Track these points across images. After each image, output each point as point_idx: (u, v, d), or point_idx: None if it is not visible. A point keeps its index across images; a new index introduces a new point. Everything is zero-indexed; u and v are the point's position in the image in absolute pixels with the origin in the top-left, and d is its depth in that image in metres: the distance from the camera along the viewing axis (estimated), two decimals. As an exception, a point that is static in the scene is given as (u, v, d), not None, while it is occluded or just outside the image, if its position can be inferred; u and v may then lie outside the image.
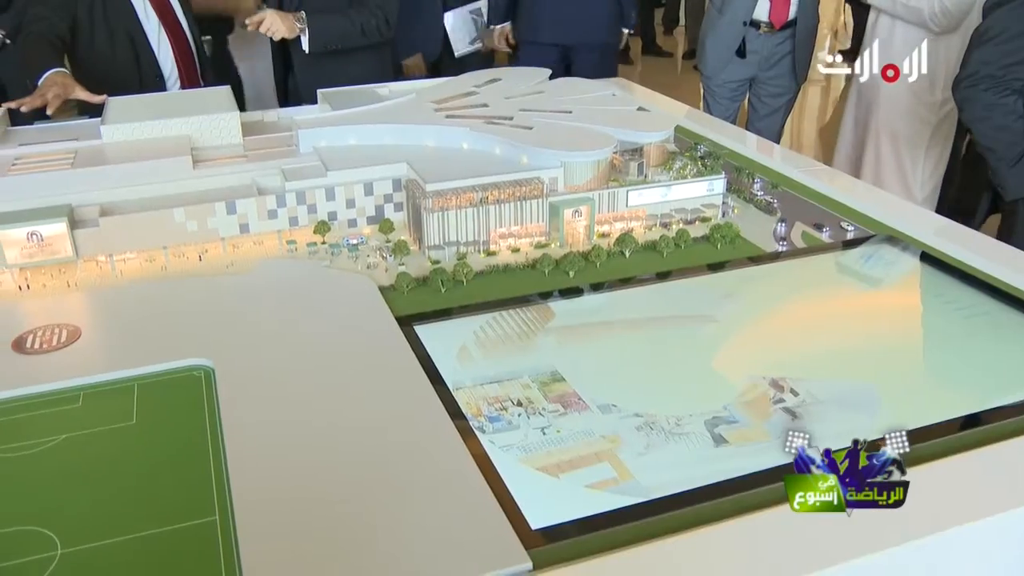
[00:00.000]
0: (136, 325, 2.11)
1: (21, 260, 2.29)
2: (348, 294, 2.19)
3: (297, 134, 2.70)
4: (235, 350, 1.96)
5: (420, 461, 1.61)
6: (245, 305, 2.16)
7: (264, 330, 2.04)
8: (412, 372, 1.86)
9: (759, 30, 4.80)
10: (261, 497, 1.52)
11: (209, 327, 2.07)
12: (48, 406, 1.83)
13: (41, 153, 2.64)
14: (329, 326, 2.05)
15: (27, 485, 1.61)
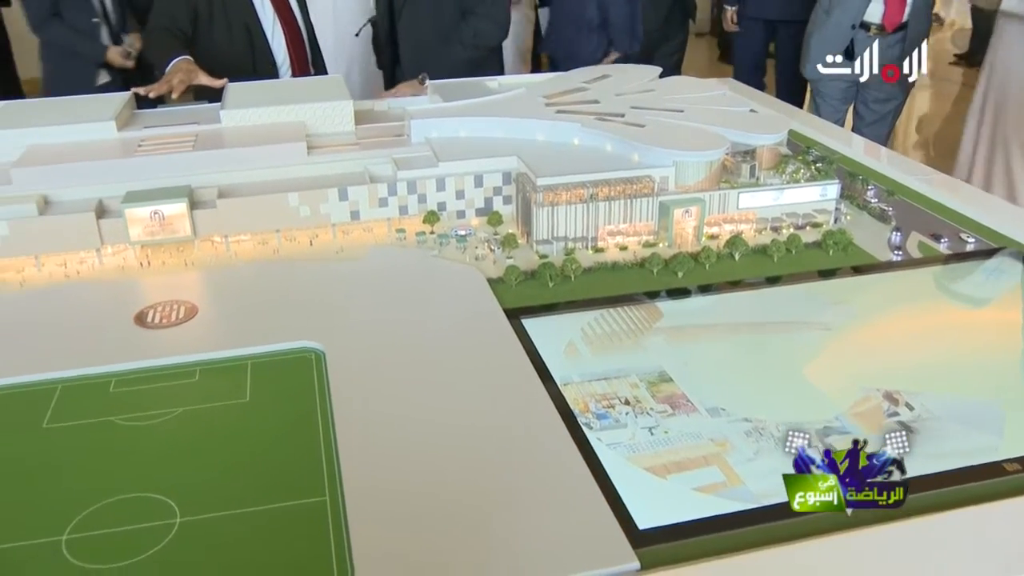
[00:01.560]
0: (249, 305, 2.16)
1: (143, 237, 2.36)
2: (456, 284, 2.20)
3: (409, 124, 2.73)
4: (345, 335, 1.99)
5: (528, 455, 1.61)
6: (355, 291, 2.19)
7: (373, 316, 2.07)
8: (520, 365, 1.87)
9: (868, 32, 4.66)
10: (370, 482, 1.54)
11: (320, 311, 2.10)
12: (167, 379, 1.89)
13: (164, 136, 2.72)
14: (437, 315, 2.07)
15: (148, 454, 1.66)
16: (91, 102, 2.97)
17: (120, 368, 1.92)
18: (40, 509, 1.53)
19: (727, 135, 2.60)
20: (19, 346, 2.02)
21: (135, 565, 1.40)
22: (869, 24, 4.65)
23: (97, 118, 2.76)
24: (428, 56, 3.81)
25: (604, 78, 3.17)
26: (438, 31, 3.79)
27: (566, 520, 1.45)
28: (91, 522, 1.49)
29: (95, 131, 2.73)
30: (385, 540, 1.42)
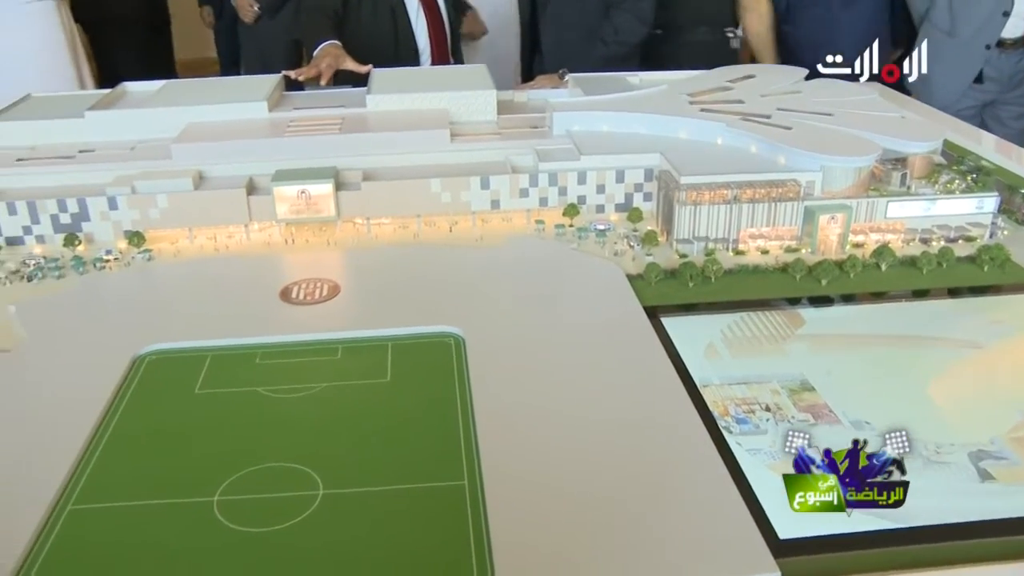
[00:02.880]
0: (390, 287, 2.20)
1: (289, 216, 2.43)
2: (596, 279, 2.20)
3: (551, 116, 2.73)
4: (484, 322, 2.01)
5: (666, 454, 1.59)
6: (494, 279, 2.21)
7: (512, 305, 2.08)
8: (659, 364, 1.85)
9: (1001, 49, 4.29)
10: (508, 469, 1.55)
11: (459, 297, 2.13)
12: (310, 355, 1.94)
13: (312, 118, 2.79)
14: (576, 308, 2.07)
15: (292, 426, 1.71)
16: (245, 83, 3.08)
17: (266, 341, 1.98)
18: (193, 470, 1.59)
19: (878, 141, 2.52)
20: (173, 313, 2.11)
21: (280, 532, 1.44)
22: (1003, 40, 4.31)
23: (250, 98, 2.86)
24: (569, 51, 3.80)
25: (749, 78, 3.11)
26: (581, 27, 3.79)
27: (704, 523, 1.43)
28: (240, 486, 1.54)
29: (248, 111, 2.83)
30: (522, 529, 1.42)
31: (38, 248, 2.46)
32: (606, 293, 2.13)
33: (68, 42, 4.15)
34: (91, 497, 1.54)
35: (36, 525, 1.46)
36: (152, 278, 2.32)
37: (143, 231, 2.42)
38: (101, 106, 2.90)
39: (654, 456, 1.58)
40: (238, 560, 1.40)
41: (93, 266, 2.35)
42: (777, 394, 1.79)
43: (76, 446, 1.64)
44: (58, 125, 2.82)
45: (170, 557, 1.41)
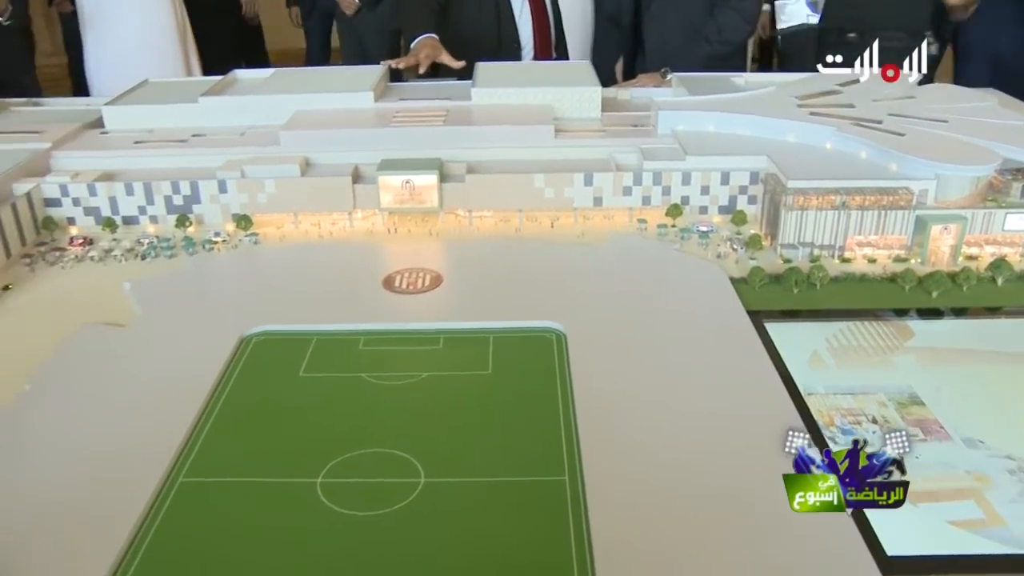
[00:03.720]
0: (492, 280, 2.20)
1: (393, 205, 2.46)
2: (699, 280, 2.17)
3: (656, 115, 2.70)
4: (586, 319, 2.00)
5: (770, 461, 1.54)
6: (595, 276, 2.20)
7: (614, 303, 2.07)
8: (763, 368, 1.82)
9: None
10: (609, 467, 1.54)
11: (561, 292, 2.12)
12: (413, 343, 1.96)
13: (417, 109, 2.82)
14: (678, 308, 2.05)
15: (394, 413, 1.73)
16: (351, 73, 3.12)
17: (369, 327, 2.01)
18: (298, 451, 1.62)
19: (997, 150, 2.43)
20: (279, 296, 2.16)
21: (383, 516, 1.46)
22: None
23: (356, 88, 2.90)
24: (672, 50, 3.76)
25: (860, 82, 3.03)
26: (685, 26, 3.74)
27: (809, 534, 1.40)
28: (343, 469, 1.56)
29: (354, 100, 2.87)
30: (623, 527, 1.41)
31: (151, 228, 2.54)
32: (709, 295, 2.11)
33: (179, 30, 4.26)
34: (201, 471, 1.58)
35: (150, 495, 1.51)
36: (258, 261, 2.37)
37: (251, 215, 2.48)
38: (213, 92, 2.97)
39: (757, 461, 1.55)
40: (340, 542, 1.42)
41: (202, 247, 2.42)
42: (884, 406, 1.74)
43: (187, 421, 1.69)
44: (173, 110, 2.91)
45: (275, 534, 1.44)
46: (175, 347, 1.95)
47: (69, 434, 1.68)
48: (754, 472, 1.53)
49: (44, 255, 2.43)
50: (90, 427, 1.70)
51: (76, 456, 1.62)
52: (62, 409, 1.75)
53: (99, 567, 1.36)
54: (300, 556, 1.40)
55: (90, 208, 2.56)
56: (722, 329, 1.97)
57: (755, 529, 1.41)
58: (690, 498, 1.47)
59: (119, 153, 2.72)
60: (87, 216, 2.57)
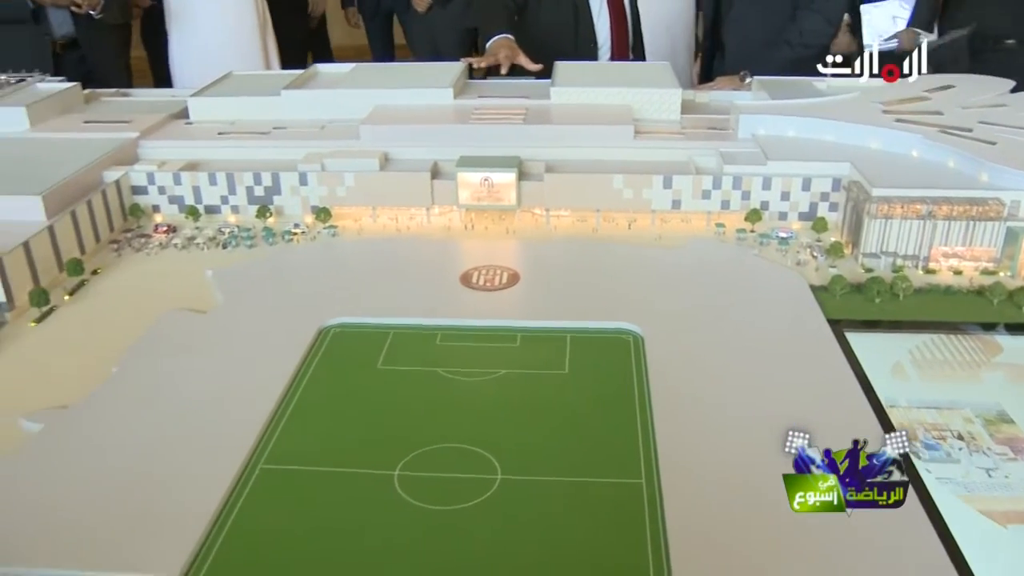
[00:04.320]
0: (568, 280, 2.20)
1: (470, 202, 2.47)
2: (778, 287, 2.14)
3: (737, 119, 2.67)
4: (663, 322, 1.98)
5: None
6: (672, 279, 2.18)
7: (692, 307, 2.05)
8: (843, 378, 1.78)
9: None
10: (687, 472, 1.52)
11: (638, 294, 2.11)
12: (489, 340, 1.96)
13: (496, 107, 2.82)
14: (757, 315, 2.02)
15: (471, 409, 1.74)
16: (430, 69, 3.14)
17: (446, 323, 2.02)
18: (376, 443, 1.64)
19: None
20: (356, 289, 2.18)
21: (459, 512, 1.46)
22: None
23: (436, 84, 2.92)
24: (753, 53, 3.72)
25: (946, 88, 2.97)
26: (767, 29, 3.69)
27: (891, 549, 1.37)
28: (420, 463, 1.57)
29: (434, 96, 2.89)
30: (701, 533, 1.40)
31: (232, 217, 2.59)
32: (788, 302, 2.08)
33: (260, 24, 4.33)
34: (280, 458, 1.60)
35: (232, 479, 1.54)
36: (336, 253, 2.40)
37: (330, 207, 2.51)
38: (295, 85, 3.01)
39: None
40: (416, 534, 1.43)
41: (282, 238, 2.46)
42: (970, 422, 1.70)
43: (267, 408, 1.72)
44: (256, 102, 2.96)
45: (352, 523, 1.46)
46: (256, 335, 1.99)
47: (154, 417, 1.72)
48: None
49: (130, 241, 2.49)
50: (174, 410, 1.74)
51: (160, 438, 1.65)
52: (147, 392, 1.80)
53: (182, 548, 1.39)
54: (376, 546, 1.41)
55: (174, 197, 2.61)
56: (802, 337, 1.94)
57: (836, 541, 1.38)
58: (768, 507, 1.45)
59: (203, 143, 2.77)
60: (171, 204, 2.62)
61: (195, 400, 1.77)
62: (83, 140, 2.78)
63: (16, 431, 1.72)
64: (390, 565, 1.38)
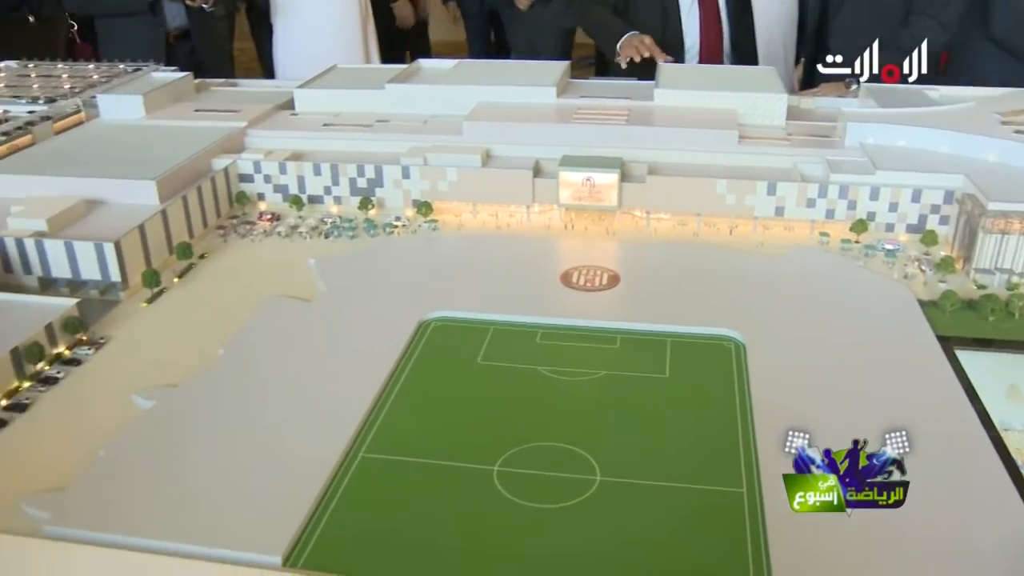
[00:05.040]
0: (669, 283, 2.18)
1: (571, 201, 2.47)
2: (884, 300, 2.09)
3: (845, 127, 2.62)
4: (765, 330, 1.95)
5: (959, 494, 1.48)
6: (774, 288, 2.15)
7: (794, 317, 2.02)
8: (953, 397, 1.73)
9: None
10: (789, 484, 1.50)
11: (739, 301, 2.08)
12: (589, 341, 1.96)
13: (599, 107, 2.82)
14: (862, 327, 1.98)
15: (570, 409, 1.74)
16: (533, 67, 3.14)
17: (546, 321, 2.02)
18: (475, 437, 1.65)
19: None
20: (456, 283, 2.20)
21: (557, 511, 1.46)
22: None
23: (539, 83, 2.92)
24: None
25: None
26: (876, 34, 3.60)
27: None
28: (519, 460, 1.58)
29: (537, 95, 2.89)
30: (804, 545, 1.37)
31: (335, 208, 2.63)
32: (895, 316, 2.03)
33: (362, 18, 4.40)
34: (381, 448, 1.63)
35: (333, 466, 1.56)
36: (436, 247, 2.42)
37: (431, 202, 2.53)
38: (399, 80, 3.05)
39: (945, 492, 1.48)
40: (514, 531, 1.43)
41: (383, 230, 2.49)
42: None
43: (368, 397, 1.74)
44: (360, 95, 3.00)
45: (451, 516, 1.47)
46: (357, 325, 2.02)
47: (259, 400, 1.76)
48: (941, 502, 1.46)
49: (236, 227, 2.56)
50: (278, 394, 1.77)
51: (265, 421, 1.69)
52: (253, 375, 1.84)
53: (286, 530, 1.42)
54: (473, 540, 1.42)
55: (279, 185, 2.67)
56: (909, 352, 1.89)
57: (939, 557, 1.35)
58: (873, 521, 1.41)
59: (308, 134, 2.83)
60: (276, 193, 2.68)
61: (298, 385, 1.80)
62: (194, 128, 2.86)
63: (129, 406, 1.78)
64: (487, 560, 1.38)
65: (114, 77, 3.42)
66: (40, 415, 1.77)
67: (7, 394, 1.82)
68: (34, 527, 1.46)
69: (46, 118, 2.96)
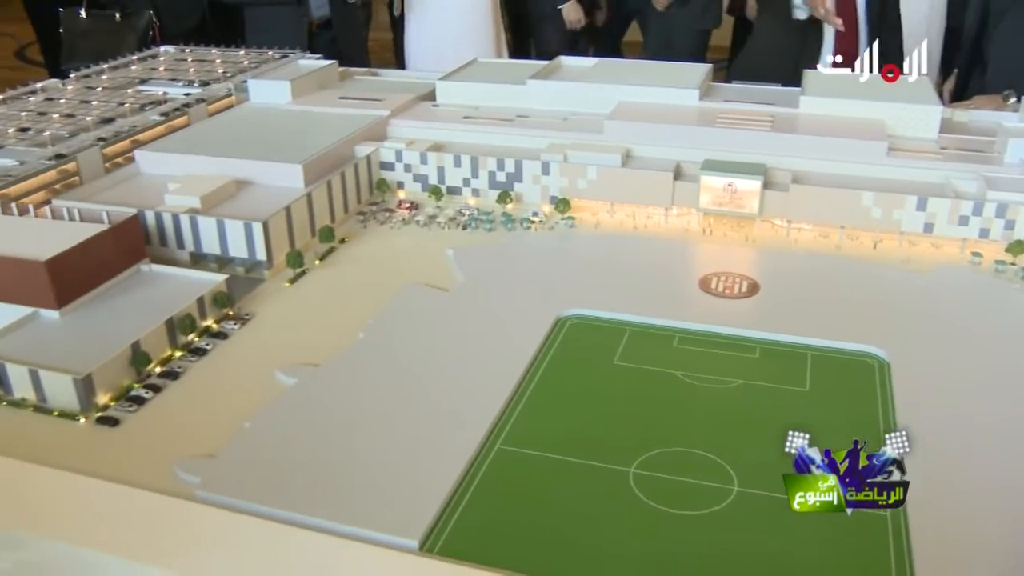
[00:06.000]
0: (810, 295, 2.13)
1: (711, 206, 2.44)
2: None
3: (1006, 142, 2.50)
4: (911, 349, 1.89)
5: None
6: (921, 306, 2.07)
7: (942, 337, 1.95)
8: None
9: None
10: (936, 509, 1.44)
11: (883, 318, 2.02)
12: (728, 348, 1.93)
13: (743, 112, 2.77)
14: (1015, 351, 1.89)
15: (708, 416, 1.72)
16: (674, 69, 3.11)
17: (684, 326, 2.00)
18: (611, 438, 1.64)
19: None
20: (593, 282, 2.20)
21: (694, 518, 1.45)
22: None
23: (682, 85, 2.89)
24: (1019, 72, 3.48)
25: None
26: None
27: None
28: (655, 463, 1.57)
29: (679, 96, 2.86)
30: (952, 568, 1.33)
31: (472, 200, 2.66)
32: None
33: (493, 14, 4.46)
34: (517, 441, 1.64)
35: (470, 456, 1.58)
36: (573, 244, 2.42)
37: (569, 199, 2.53)
38: (540, 76, 3.06)
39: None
40: (650, 534, 1.43)
41: (520, 224, 2.51)
42: None
43: (505, 390, 1.76)
44: (501, 89, 3.03)
45: (586, 514, 1.47)
46: (494, 318, 2.03)
47: (398, 385, 1.79)
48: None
49: (375, 214, 2.61)
50: (416, 381, 1.81)
51: (403, 407, 1.73)
52: (392, 360, 1.88)
53: (423, 515, 1.44)
54: (609, 540, 1.42)
55: (419, 175, 2.71)
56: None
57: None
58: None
59: (449, 126, 2.86)
60: (415, 182, 2.73)
61: (437, 373, 1.83)
62: (338, 115, 2.94)
63: (273, 382, 1.84)
64: (620, 562, 1.38)
65: (263, 63, 3.54)
66: (190, 384, 1.86)
67: (161, 361, 1.90)
68: (185, 490, 1.52)
69: (200, 100, 3.08)
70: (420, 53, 4.46)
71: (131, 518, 1.46)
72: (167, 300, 2.02)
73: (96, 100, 3.10)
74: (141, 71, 3.51)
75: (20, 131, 2.77)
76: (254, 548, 1.39)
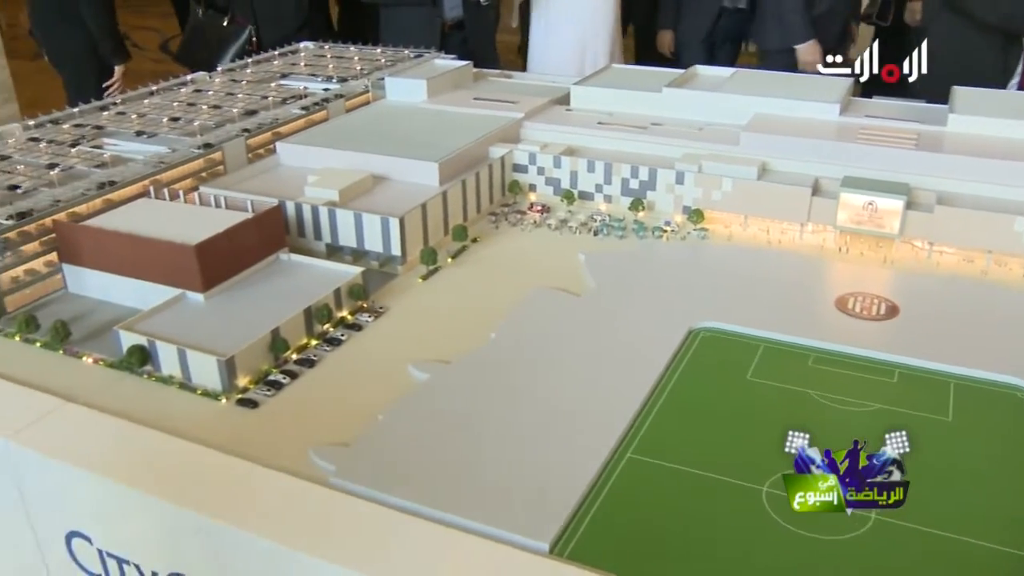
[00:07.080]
0: (953, 321, 2.06)
1: (848, 224, 2.38)
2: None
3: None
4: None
5: None
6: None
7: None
8: None
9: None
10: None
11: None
12: (864, 371, 1.88)
13: (886, 128, 2.69)
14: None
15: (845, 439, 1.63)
16: (814, 81, 3.04)
17: (819, 345, 1.96)
18: (743, 454, 1.62)
19: None
20: (726, 295, 2.17)
21: (828, 543, 1.42)
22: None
23: (822, 99, 2.83)
24: None
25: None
26: None
27: None
28: (789, 483, 1.54)
29: (818, 111, 2.80)
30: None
31: (603, 206, 2.66)
32: None
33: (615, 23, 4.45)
34: (647, 451, 1.63)
35: (601, 463, 1.58)
36: (705, 256, 2.40)
37: (703, 210, 2.51)
38: (676, 84, 3.04)
39: None
40: (782, 555, 1.41)
41: (651, 233, 2.50)
42: None
43: (637, 399, 1.76)
44: (636, 96, 3.02)
45: (717, 529, 1.46)
46: (626, 325, 2.03)
47: (530, 387, 1.81)
48: None
49: (507, 215, 2.64)
50: (548, 384, 1.82)
51: (534, 409, 1.74)
52: (523, 362, 1.90)
53: (554, 519, 1.45)
54: (739, 557, 1.41)
55: (551, 179, 2.73)
56: None
57: None
58: None
59: (583, 131, 2.87)
60: (547, 186, 2.75)
61: (568, 377, 1.84)
62: (473, 115, 2.98)
63: (404, 375, 1.88)
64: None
65: (398, 62, 3.61)
66: (325, 372, 1.91)
67: (298, 349, 1.97)
68: (320, 476, 1.57)
69: (339, 96, 3.16)
70: (542, 57, 4.49)
71: (270, 499, 1.51)
72: (304, 289, 2.08)
73: (241, 93, 3.22)
74: (282, 66, 3.63)
75: (171, 120, 2.89)
76: (393, 538, 1.42)
